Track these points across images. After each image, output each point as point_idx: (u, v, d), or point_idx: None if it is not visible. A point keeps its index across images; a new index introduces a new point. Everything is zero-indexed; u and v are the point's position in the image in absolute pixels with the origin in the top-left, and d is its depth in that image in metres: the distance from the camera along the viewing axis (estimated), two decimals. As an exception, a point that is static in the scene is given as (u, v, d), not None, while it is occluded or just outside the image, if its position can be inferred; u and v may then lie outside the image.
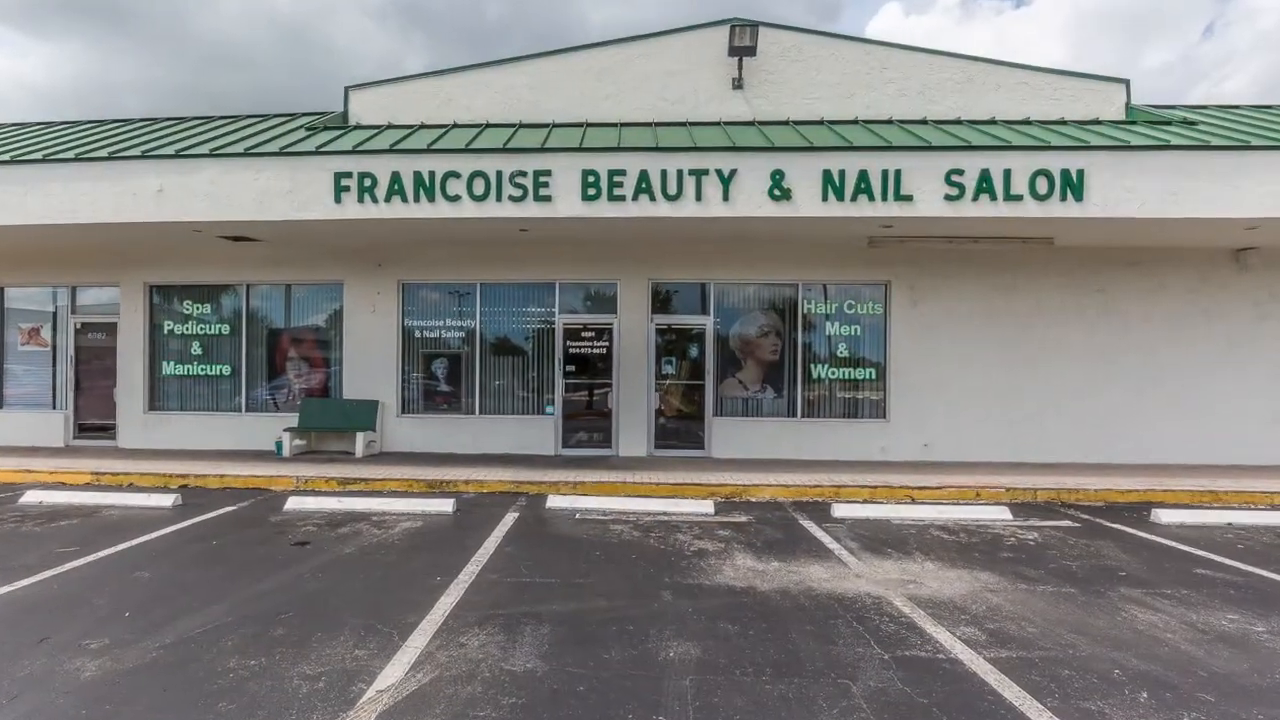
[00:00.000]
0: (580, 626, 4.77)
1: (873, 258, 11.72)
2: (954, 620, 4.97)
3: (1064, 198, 9.27)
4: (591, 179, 9.55)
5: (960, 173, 9.36)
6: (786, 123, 11.86)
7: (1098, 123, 11.69)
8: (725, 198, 9.51)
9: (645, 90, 12.33)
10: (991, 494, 9.28)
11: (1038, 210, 9.33)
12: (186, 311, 12.82)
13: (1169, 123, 11.47)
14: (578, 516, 8.13)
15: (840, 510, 8.38)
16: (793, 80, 12.29)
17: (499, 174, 9.62)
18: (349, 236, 11.21)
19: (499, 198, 9.63)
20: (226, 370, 12.75)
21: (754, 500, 9.19)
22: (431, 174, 9.65)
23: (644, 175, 9.52)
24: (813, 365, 12.15)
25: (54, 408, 13.03)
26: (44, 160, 10.32)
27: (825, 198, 9.45)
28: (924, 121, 11.88)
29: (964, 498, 9.23)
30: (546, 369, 12.35)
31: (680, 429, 12.25)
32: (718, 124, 11.88)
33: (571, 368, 12.26)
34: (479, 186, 9.63)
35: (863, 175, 9.41)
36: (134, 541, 6.89)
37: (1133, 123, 11.58)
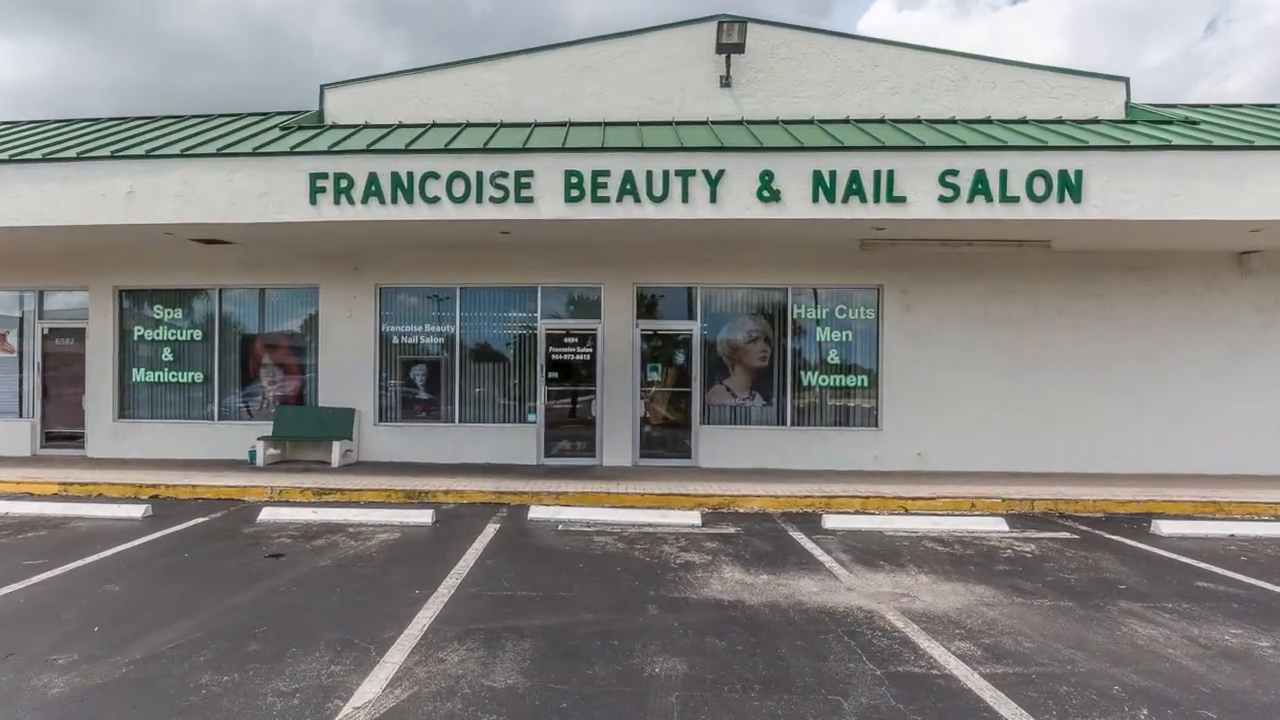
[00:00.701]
0: (563, 641, 4.70)
1: (864, 261, 11.56)
2: (948, 635, 4.87)
3: (1062, 199, 9.12)
4: (575, 180, 9.37)
5: (955, 173, 9.21)
6: (776, 122, 11.71)
7: (1096, 122, 11.57)
8: (713, 199, 9.33)
9: (630, 88, 12.13)
10: (987, 504, 9.13)
11: (1034, 212, 9.19)
12: (157, 316, 12.53)
13: (1170, 122, 11.35)
14: (560, 528, 7.99)
15: (831, 521, 8.25)
16: (782, 78, 12.12)
17: (479, 175, 9.41)
18: (325, 239, 10.97)
19: (479, 199, 9.42)
20: (199, 377, 12.45)
21: (742, 511, 9.03)
22: (410, 175, 9.44)
23: (629, 176, 9.34)
24: (803, 372, 11.97)
25: (20, 416, 12.70)
26: (10, 161, 10.05)
27: (815, 199, 9.29)
28: (918, 121, 11.74)
29: (959, 508, 9.08)
30: (528, 376, 12.12)
31: (666, 438, 12.03)
32: (705, 123, 11.71)
33: (554, 374, 12.04)
34: (459, 187, 9.43)
35: (854, 176, 9.25)
36: (103, 554, 6.78)
37: (1132, 122, 11.45)
